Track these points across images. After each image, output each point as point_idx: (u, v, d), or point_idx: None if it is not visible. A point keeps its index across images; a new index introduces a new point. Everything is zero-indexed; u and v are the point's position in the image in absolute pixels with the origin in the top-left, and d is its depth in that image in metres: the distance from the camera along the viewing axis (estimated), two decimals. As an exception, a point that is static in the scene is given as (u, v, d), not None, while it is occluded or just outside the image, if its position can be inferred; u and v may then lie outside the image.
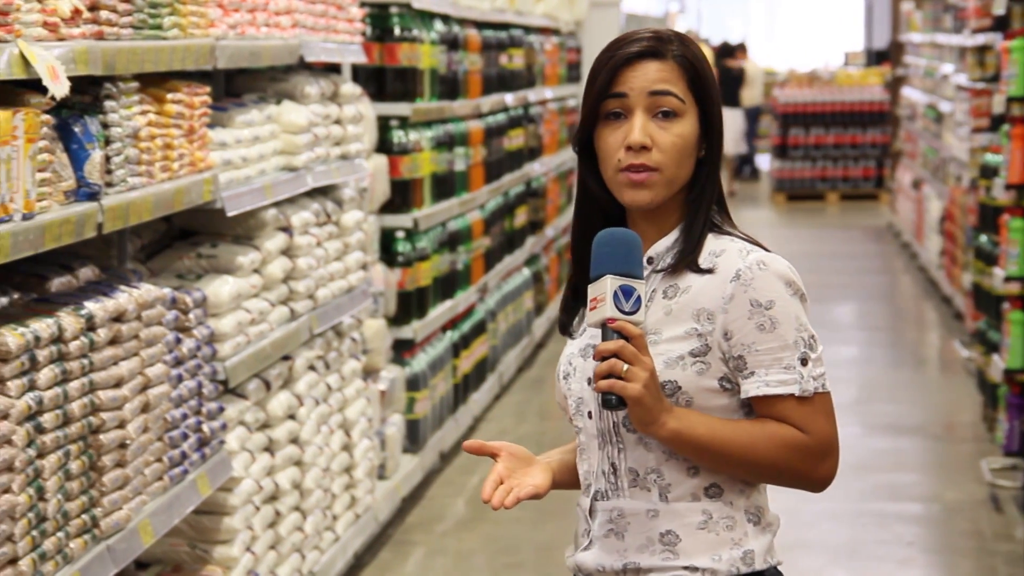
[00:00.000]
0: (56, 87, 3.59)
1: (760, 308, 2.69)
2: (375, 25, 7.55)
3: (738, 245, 2.74)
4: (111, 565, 3.94)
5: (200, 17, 4.70)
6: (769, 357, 2.69)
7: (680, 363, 2.70)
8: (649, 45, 2.74)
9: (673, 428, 2.65)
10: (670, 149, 2.71)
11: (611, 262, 2.64)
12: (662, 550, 2.71)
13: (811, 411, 2.70)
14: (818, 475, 2.74)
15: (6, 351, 3.53)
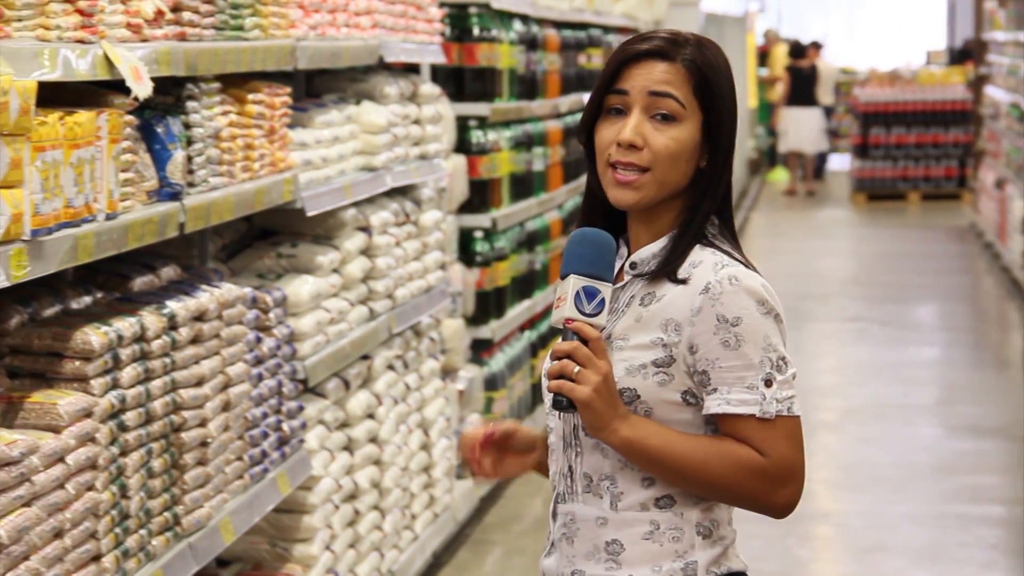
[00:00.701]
0: (139, 88, 3.62)
1: (727, 324, 2.64)
2: (454, 25, 7.56)
3: (716, 258, 2.69)
4: (192, 563, 3.97)
5: (281, 18, 4.73)
6: (732, 375, 2.64)
7: (641, 371, 2.66)
8: (659, 45, 2.70)
9: (625, 436, 2.62)
10: (662, 151, 2.67)
11: (578, 262, 2.61)
12: (606, 559, 2.68)
13: (772, 434, 2.63)
14: (776, 500, 2.67)
15: (90, 350, 3.56)
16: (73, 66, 3.37)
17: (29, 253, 3.18)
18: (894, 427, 9.07)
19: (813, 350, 11.59)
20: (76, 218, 3.42)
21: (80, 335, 3.58)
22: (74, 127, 3.38)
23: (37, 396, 3.46)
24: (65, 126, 3.35)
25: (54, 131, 3.30)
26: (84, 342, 3.57)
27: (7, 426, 3.36)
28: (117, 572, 3.61)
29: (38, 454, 3.27)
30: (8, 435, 3.22)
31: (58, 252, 3.32)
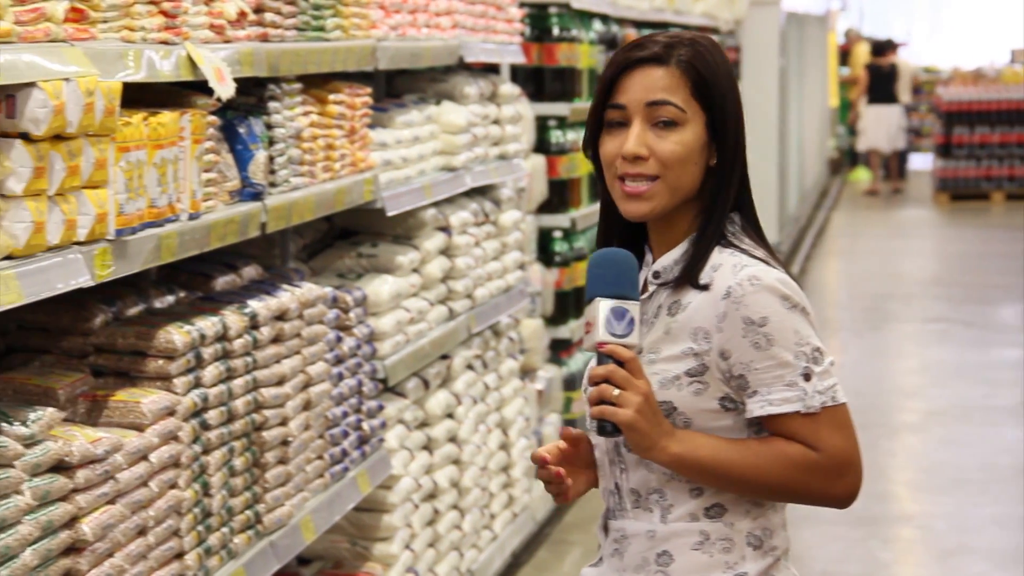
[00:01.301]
0: (222, 88, 3.65)
1: (754, 326, 2.60)
2: (534, 25, 7.56)
3: (735, 259, 2.65)
4: (274, 561, 3.99)
5: (362, 19, 4.75)
6: (769, 375, 2.60)
7: (676, 383, 2.63)
8: (653, 51, 2.65)
9: (675, 452, 2.59)
10: (668, 157, 2.63)
11: (602, 284, 2.58)
12: (656, 570, 2.65)
13: (820, 427, 2.60)
14: (836, 492, 2.64)
15: (172, 349, 3.59)
16: (157, 67, 3.40)
17: (113, 253, 3.21)
18: (977, 429, 8.98)
19: (895, 351, 11.50)
20: (159, 218, 3.44)
21: (163, 334, 3.61)
22: (158, 128, 3.41)
23: (121, 395, 3.49)
24: (149, 127, 3.38)
25: (138, 132, 3.32)
26: (167, 341, 3.60)
27: (92, 424, 3.39)
28: (199, 570, 3.64)
29: (122, 452, 3.30)
30: (93, 433, 3.25)
31: (142, 252, 3.34)
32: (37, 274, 2.93)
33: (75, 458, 3.13)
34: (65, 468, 3.13)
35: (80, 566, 3.16)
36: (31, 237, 2.93)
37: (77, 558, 3.15)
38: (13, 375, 3.47)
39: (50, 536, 3.05)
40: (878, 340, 11.89)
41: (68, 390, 3.44)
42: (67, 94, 2.98)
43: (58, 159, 3.01)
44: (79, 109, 3.01)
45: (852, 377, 10.36)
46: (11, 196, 2.91)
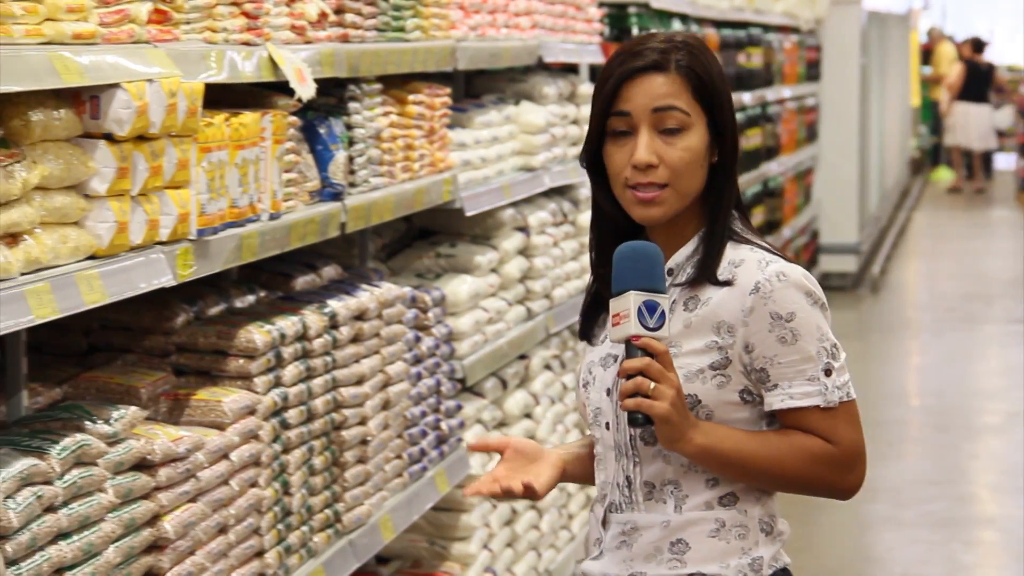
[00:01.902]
0: (303, 89, 3.66)
1: (781, 321, 2.65)
2: (613, 25, 7.54)
3: (757, 255, 2.69)
4: (353, 560, 4.00)
5: (442, 19, 4.76)
6: (792, 370, 2.65)
7: (700, 376, 2.66)
8: (652, 59, 2.68)
9: (700, 444, 2.62)
10: (678, 164, 2.66)
11: (634, 277, 2.59)
12: (670, 559, 2.68)
13: (837, 421, 2.67)
14: (846, 484, 2.72)
15: (253, 348, 3.61)
16: (239, 68, 3.42)
17: (195, 252, 3.24)
18: (1061, 432, 8.88)
19: (977, 352, 11.39)
20: (241, 218, 3.46)
21: (244, 333, 3.63)
22: (239, 128, 3.43)
23: (202, 393, 3.51)
24: (231, 127, 3.40)
25: (220, 132, 3.35)
26: (248, 340, 3.62)
27: (173, 423, 3.42)
28: (279, 568, 3.66)
29: (203, 451, 3.33)
30: (175, 432, 3.27)
31: (223, 251, 3.36)
32: (120, 274, 2.96)
33: (157, 456, 3.16)
34: (147, 466, 3.15)
35: (162, 564, 3.18)
36: (114, 237, 2.96)
37: (159, 556, 3.18)
38: (96, 374, 3.50)
39: (132, 534, 3.08)
40: (959, 342, 11.78)
41: (150, 389, 3.47)
42: (150, 95, 3.00)
43: (141, 159, 3.03)
44: (162, 110, 3.04)
45: (933, 379, 10.28)
46: (95, 196, 2.94)
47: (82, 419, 3.05)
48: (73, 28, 2.85)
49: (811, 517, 7.34)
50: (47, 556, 2.81)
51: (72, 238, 2.87)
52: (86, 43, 2.89)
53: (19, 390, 3.27)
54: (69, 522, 2.87)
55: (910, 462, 8.41)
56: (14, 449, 2.84)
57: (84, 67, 2.81)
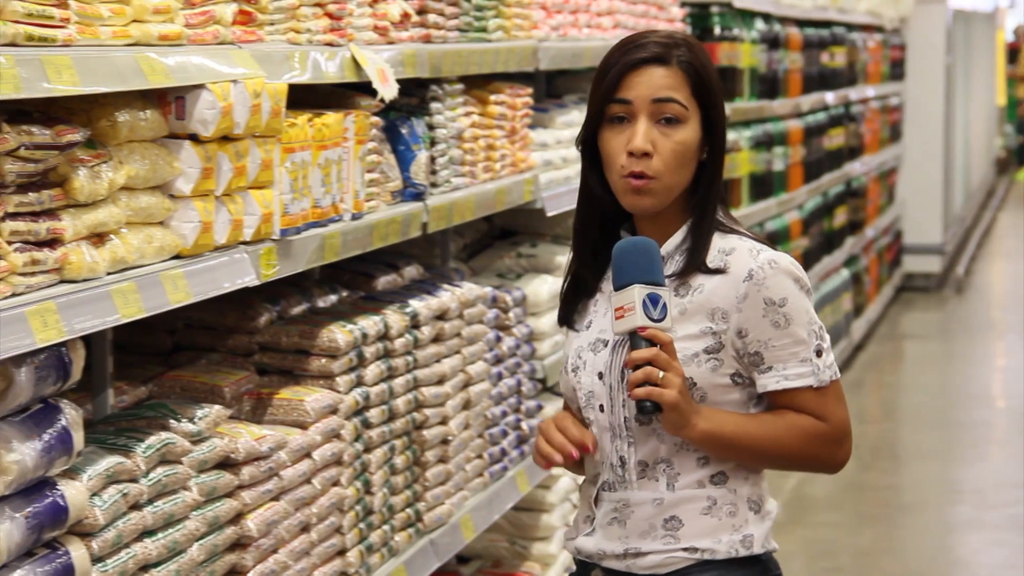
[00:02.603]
0: (385, 89, 3.68)
1: (774, 306, 2.76)
2: (695, 24, 7.52)
3: (747, 244, 2.80)
4: (434, 559, 4.01)
5: (524, 19, 4.76)
6: (786, 352, 2.76)
7: (695, 360, 2.76)
8: (656, 51, 2.78)
9: (704, 429, 2.72)
10: (670, 156, 2.76)
11: (636, 271, 2.70)
12: (664, 535, 2.78)
13: (827, 399, 2.79)
14: (836, 459, 2.83)
15: (335, 348, 3.63)
16: (322, 68, 3.44)
17: (278, 252, 3.25)
18: None
19: (1063, 355, 11.26)
20: (323, 218, 3.48)
21: (326, 333, 3.65)
22: (322, 128, 3.45)
23: (285, 392, 3.53)
24: (314, 127, 3.41)
25: (303, 132, 3.36)
26: (330, 340, 3.63)
27: (256, 422, 3.44)
28: (361, 567, 3.67)
29: (286, 449, 3.34)
30: (258, 430, 3.29)
31: (306, 251, 3.38)
32: (204, 273, 2.98)
33: (240, 455, 3.18)
34: (231, 465, 3.18)
35: (245, 562, 3.20)
36: (199, 237, 2.98)
37: (242, 554, 3.20)
38: (180, 373, 3.53)
39: (216, 532, 3.10)
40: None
41: (234, 388, 3.50)
42: (235, 96, 3.02)
43: (225, 160, 3.05)
44: (246, 110, 3.05)
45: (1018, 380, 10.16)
46: (180, 196, 2.96)
47: (167, 418, 3.07)
48: (159, 29, 2.88)
49: (895, 519, 7.29)
50: (132, 553, 2.84)
51: (157, 238, 2.89)
52: (172, 44, 2.91)
53: (105, 389, 3.30)
54: (154, 520, 2.90)
55: (994, 464, 8.33)
56: (100, 447, 2.87)
57: (170, 68, 2.84)
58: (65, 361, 2.67)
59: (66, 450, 2.64)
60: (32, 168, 2.55)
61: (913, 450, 8.70)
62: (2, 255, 2.49)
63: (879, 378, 10.60)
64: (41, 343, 2.47)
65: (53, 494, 2.62)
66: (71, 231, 2.64)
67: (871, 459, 8.30)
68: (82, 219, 2.68)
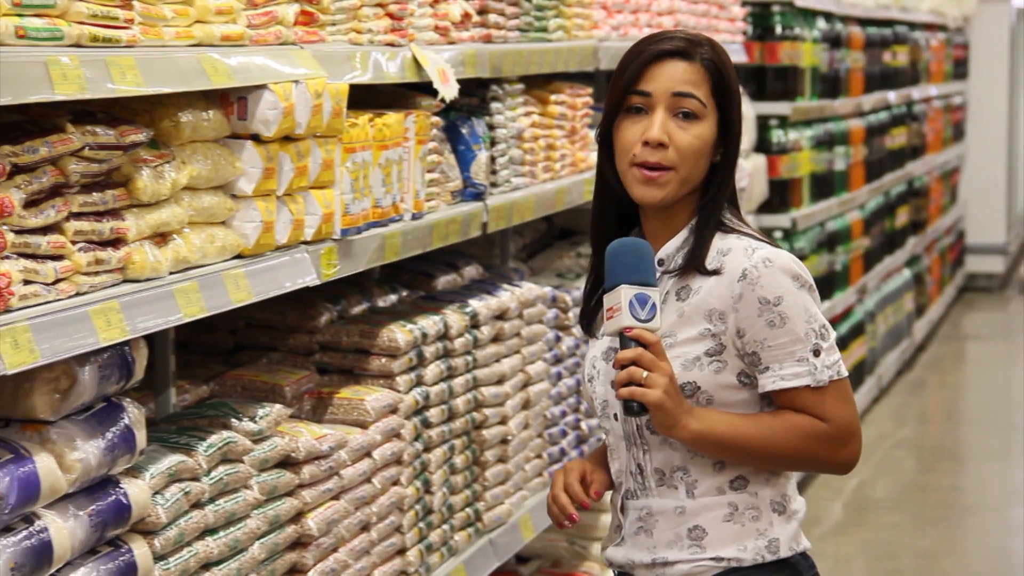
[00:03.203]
0: (446, 89, 3.68)
1: (769, 305, 2.72)
2: (756, 24, 7.49)
3: (744, 243, 2.76)
4: (493, 559, 4.01)
5: (584, 19, 4.75)
6: (782, 352, 2.73)
7: (697, 364, 2.73)
8: (680, 45, 2.77)
9: (695, 430, 2.69)
10: (687, 149, 2.73)
11: (624, 271, 2.67)
12: (690, 544, 2.75)
13: (827, 399, 2.74)
14: (841, 460, 2.78)
15: (395, 347, 3.63)
16: (383, 68, 3.44)
17: (339, 252, 3.26)
18: None
19: None
20: (383, 218, 3.49)
21: (386, 332, 3.65)
22: (383, 128, 3.45)
23: (345, 392, 3.54)
24: (375, 127, 3.42)
25: (364, 132, 3.37)
26: (390, 339, 3.64)
27: (317, 421, 3.45)
28: (420, 566, 3.68)
29: (346, 449, 3.35)
30: (318, 430, 3.30)
31: (366, 251, 3.39)
32: (266, 273, 2.99)
33: (301, 454, 3.19)
34: (291, 464, 3.19)
35: (305, 560, 3.21)
36: (260, 236, 2.99)
37: (303, 552, 3.21)
38: (242, 372, 3.55)
39: (277, 530, 3.11)
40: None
41: (294, 387, 3.51)
42: (296, 96, 3.03)
43: (287, 160, 3.06)
44: (308, 111, 3.06)
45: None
46: (242, 196, 2.98)
47: (228, 416, 3.09)
48: (222, 30, 2.89)
49: (957, 521, 7.24)
50: (194, 551, 2.85)
51: (219, 238, 2.90)
52: (234, 45, 2.92)
53: (167, 387, 3.32)
54: (215, 518, 2.91)
55: (1058, 467, 8.27)
56: (162, 446, 2.89)
57: (232, 68, 2.85)
58: (128, 360, 2.69)
59: (129, 449, 2.66)
60: (96, 168, 2.56)
61: (975, 451, 8.64)
62: (66, 255, 2.51)
63: (941, 379, 10.53)
64: (104, 342, 2.48)
65: (116, 492, 2.64)
66: (134, 231, 2.66)
67: (933, 460, 8.25)
68: (145, 219, 2.69)
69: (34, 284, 2.43)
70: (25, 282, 2.40)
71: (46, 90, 2.35)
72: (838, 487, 7.79)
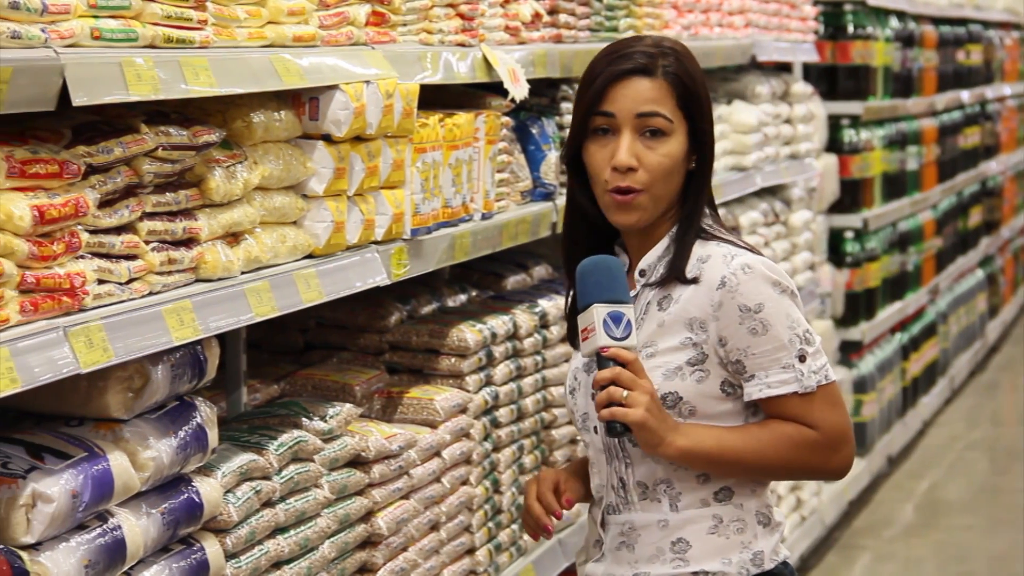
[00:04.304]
0: (516, 90, 3.68)
1: (750, 312, 2.66)
2: (828, 23, 7.46)
3: (723, 249, 2.71)
4: (562, 559, 4.01)
5: (655, 19, 4.74)
6: (766, 359, 2.67)
7: (679, 374, 2.68)
8: (641, 63, 2.71)
9: (681, 446, 2.64)
10: (656, 169, 2.69)
11: (596, 291, 2.61)
12: (672, 558, 2.70)
13: (816, 405, 2.69)
14: (833, 466, 2.73)
15: (465, 347, 3.64)
16: (454, 69, 3.45)
17: (409, 252, 3.27)
18: None
19: None
20: (453, 218, 3.49)
21: (456, 332, 3.66)
22: (453, 129, 3.46)
23: (415, 391, 3.55)
24: (445, 128, 3.43)
25: (434, 133, 3.38)
26: (460, 339, 3.64)
27: (386, 420, 3.46)
28: (490, 565, 3.68)
29: (416, 448, 3.36)
30: (388, 429, 3.31)
31: (436, 251, 3.39)
32: (337, 272, 3.00)
33: (371, 453, 3.20)
34: (361, 463, 3.20)
35: (375, 559, 3.22)
36: (331, 236, 3.01)
37: (372, 551, 3.22)
38: (312, 371, 3.56)
39: (347, 529, 3.12)
40: None
41: (364, 387, 3.52)
42: (367, 96, 3.04)
43: (358, 160, 3.07)
44: (379, 111, 3.07)
45: None
46: (313, 196, 2.99)
47: (299, 416, 3.10)
48: (294, 31, 2.91)
49: (1029, 525, 7.18)
50: (265, 550, 2.86)
51: (290, 237, 2.92)
52: (306, 45, 2.94)
53: (239, 387, 3.34)
54: (286, 517, 2.92)
55: None
56: (234, 445, 2.90)
57: (304, 69, 2.86)
58: (200, 359, 2.70)
59: (201, 447, 2.67)
60: (169, 168, 2.58)
61: (1049, 454, 8.56)
62: (140, 254, 2.53)
63: (1014, 380, 10.43)
64: (177, 341, 2.50)
65: (188, 491, 2.65)
66: (207, 231, 2.68)
67: (1007, 462, 8.17)
68: (217, 219, 2.71)
69: (108, 283, 2.45)
70: (99, 281, 2.42)
71: (121, 91, 2.37)
72: (909, 489, 7.74)
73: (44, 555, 2.34)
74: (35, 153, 2.31)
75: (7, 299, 2.23)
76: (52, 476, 2.36)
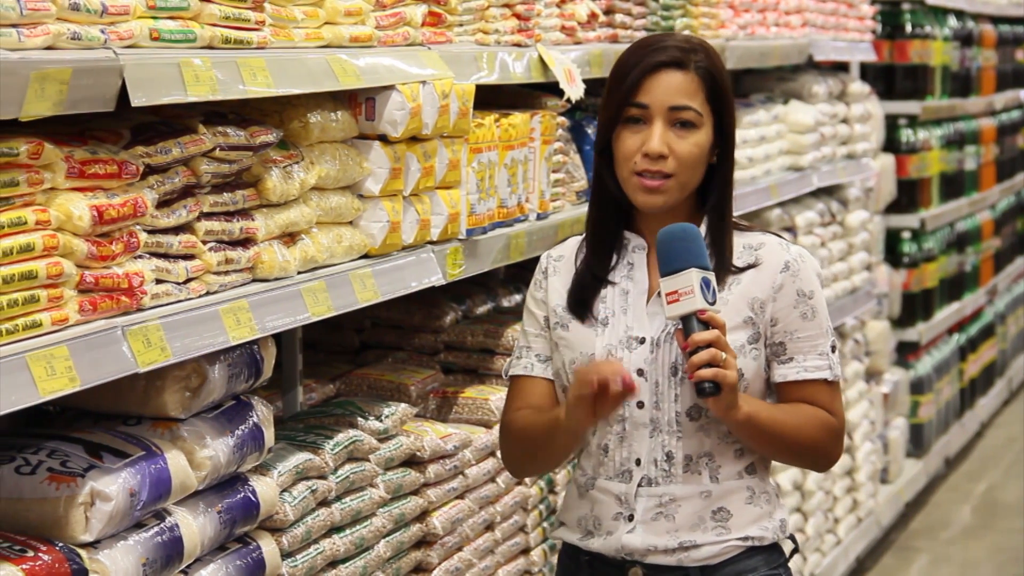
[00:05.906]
0: (572, 90, 3.68)
1: (804, 298, 2.82)
2: (886, 22, 7.42)
3: (773, 238, 2.86)
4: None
5: (711, 18, 4.73)
6: (808, 344, 2.81)
7: (742, 351, 2.79)
8: (674, 56, 2.80)
9: (747, 412, 2.73)
10: (686, 157, 2.78)
11: (689, 256, 2.69)
12: (715, 526, 2.81)
13: (835, 395, 2.84)
14: (835, 455, 2.88)
15: (520, 347, 3.63)
16: (509, 69, 3.45)
17: (465, 252, 3.27)
18: None
19: None
20: (509, 218, 3.49)
21: (511, 332, 3.66)
22: (509, 129, 3.46)
23: (470, 391, 3.55)
24: (500, 128, 3.43)
25: (490, 133, 3.38)
26: (514, 339, 3.64)
27: (441, 420, 3.46)
28: (544, 565, 3.68)
29: (471, 448, 3.36)
30: (443, 429, 3.31)
31: (491, 251, 3.39)
32: (392, 272, 3.01)
33: (426, 453, 3.20)
34: (417, 463, 3.20)
35: (430, 559, 3.23)
36: (387, 236, 3.01)
37: (427, 551, 3.23)
38: (368, 371, 3.57)
39: (402, 529, 3.13)
40: None
41: (420, 386, 3.52)
42: (424, 96, 3.04)
43: (414, 160, 3.08)
44: (435, 111, 3.08)
45: None
46: (369, 196, 3.00)
47: (354, 415, 3.11)
48: (351, 31, 2.91)
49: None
50: (320, 549, 2.87)
51: (346, 237, 2.92)
52: (363, 46, 2.94)
53: (295, 386, 3.35)
54: (342, 516, 2.93)
55: None
56: (290, 444, 2.91)
57: (360, 69, 2.87)
58: (257, 359, 2.71)
59: (257, 446, 2.68)
60: (227, 168, 2.59)
61: (1108, 457, 8.49)
62: (197, 254, 2.54)
63: (1072, 382, 10.35)
64: (234, 341, 2.51)
65: (245, 489, 2.67)
66: (263, 231, 2.69)
67: (1064, 465, 8.13)
68: (274, 219, 2.72)
69: (166, 283, 2.46)
70: (157, 281, 2.44)
71: (179, 91, 2.38)
72: (967, 491, 7.69)
73: (102, 553, 2.35)
74: (94, 153, 2.32)
75: (66, 299, 2.24)
76: (110, 475, 2.37)
